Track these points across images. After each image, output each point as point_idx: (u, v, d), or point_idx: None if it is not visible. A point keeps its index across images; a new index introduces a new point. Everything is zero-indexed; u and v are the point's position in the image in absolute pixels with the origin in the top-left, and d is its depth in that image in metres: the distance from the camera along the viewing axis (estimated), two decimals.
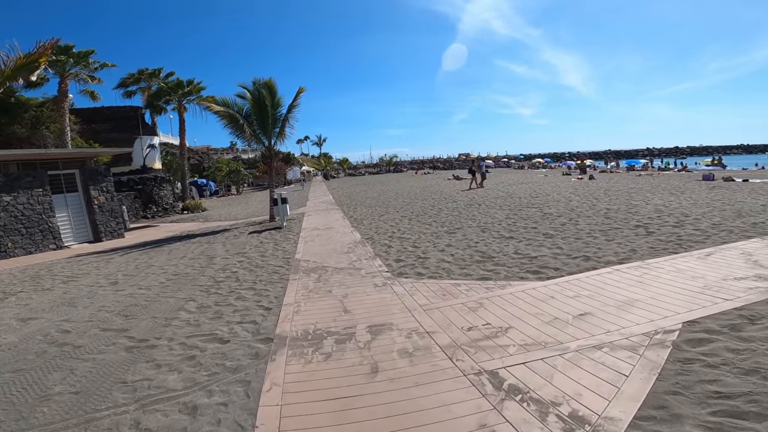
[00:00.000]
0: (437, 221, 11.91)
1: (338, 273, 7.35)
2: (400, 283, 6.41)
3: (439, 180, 33.79)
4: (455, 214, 12.93)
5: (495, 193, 18.52)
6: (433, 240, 9.38)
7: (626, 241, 7.59)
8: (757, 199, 11.74)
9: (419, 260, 7.71)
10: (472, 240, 8.95)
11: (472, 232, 9.80)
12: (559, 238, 8.36)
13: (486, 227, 10.27)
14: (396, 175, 53.07)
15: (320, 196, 26.88)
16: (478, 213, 12.81)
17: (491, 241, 8.63)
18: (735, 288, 4.78)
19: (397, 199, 19.69)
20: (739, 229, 7.93)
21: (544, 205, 13.36)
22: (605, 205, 12.24)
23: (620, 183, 21.04)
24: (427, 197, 19.26)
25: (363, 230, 11.71)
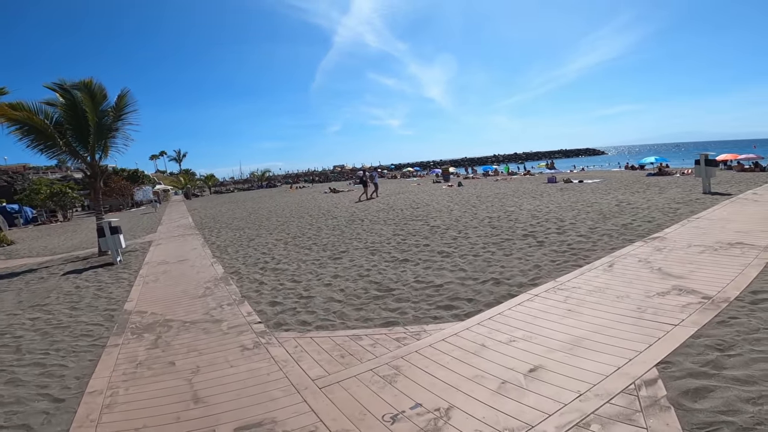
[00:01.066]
0: (318, 244, 10.34)
1: (187, 330, 5.31)
2: (279, 340, 4.71)
3: (316, 194, 32.21)
4: (337, 234, 11.54)
5: (376, 206, 17.73)
6: (316, 270, 7.79)
7: (524, 255, 7.12)
8: (603, 198, 13.07)
9: (302, 301, 6.06)
10: (362, 267, 7.62)
11: (361, 256, 8.50)
12: (457, 256, 7.58)
13: (375, 248, 9.09)
14: (269, 191, 49.64)
15: (177, 219, 22.88)
16: (362, 230, 11.63)
17: (385, 267, 7.43)
18: (669, 308, 4.33)
19: (271, 218, 17.51)
20: (615, 232, 8.19)
21: (429, 216, 12.86)
22: (485, 213, 12.22)
23: (485, 188, 22.39)
24: (304, 214, 17.52)
25: (228, 261, 9.50)
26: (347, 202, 21.41)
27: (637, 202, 12.17)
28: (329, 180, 64.15)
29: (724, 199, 11.68)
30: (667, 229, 8.03)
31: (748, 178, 18.98)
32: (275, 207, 23.04)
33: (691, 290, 4.76)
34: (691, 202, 11.29)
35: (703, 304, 4.37)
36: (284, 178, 78.66)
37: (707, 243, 6.77)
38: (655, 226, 8.48)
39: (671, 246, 6.77)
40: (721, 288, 4.75)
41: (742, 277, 5.07)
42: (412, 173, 55.22)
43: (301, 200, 26.41)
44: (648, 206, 11.07)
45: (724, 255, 6.03)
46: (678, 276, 5.30)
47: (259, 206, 24.94)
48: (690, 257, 6.08)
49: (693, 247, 6.62)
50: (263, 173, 70.48)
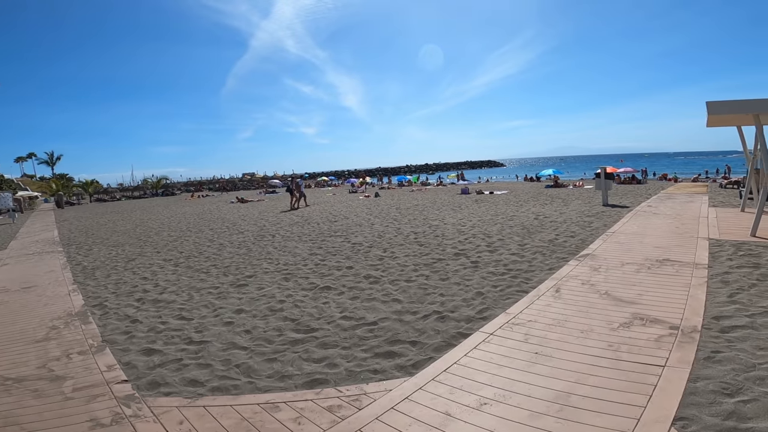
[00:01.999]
0: (219, 266, 8.60)
1: (7, 392, 3.57)
2: (153, 411, 3.26)
3: (221, 203, 29.18)
4: (243, 252, 9.85)
5: (289, 219, 16.13)
6: (214, 302, 6.19)
7: (462, 280, 6.35)
8: (519, 211, 13.21)
9: (191, 348, 4.54)
10: (274, 297, 6.22)
11: (272, 282, 7.06)
12: (387, 281, 6.56)
13: (289, 271, 7.69)
14: (165, 200, 44.24)
15: (39, 232, 18.68)
16: (273, 248, 10.09)
17: (302, 297, 6.12)
18: (642, 343, 3.79)
19: (161, 232, 14.91)
20: (545, 249, 7.89)
21: (349, 231, 11.74)
22: (409, 228, 11.48)
23: (403, 199, 22.03)
24: (204, 228, 15.23)
25: (92, 289, 7.36)
26: (256, 213, 19.38)
27: (552, 214, 12.43)
28: (237, 188, 59.69)
29: (624, 211, 12.44)
30: (592, 245, 7.94)
31: (630, 190, 21.22)
32: (169, 218, 20.04)
33: (653, 319, 4.33)
34: (599, 215, 11.79)
35: (674, 335, 3.92)
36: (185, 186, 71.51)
37: (637, 260, 6.68)
38: (579, 241, 8.40)
39: (605, 265, 6.53)
40: (681, 315, 4.41)
41: (693, 300, 4.82)
42: (327, 182, 53.77)
43: (203, 211, 23.52)
44: (563, 219, 11.27)
45: (662, 274, 5.88)
46: (630, 301, 4.89)
47: (150, 217, 21.57)
48: (630, 278, 5.81)
49: (626, 265, 6.45)
50: (159, 180, 63.09)
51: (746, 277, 5.59)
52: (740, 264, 6.22)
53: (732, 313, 4.40)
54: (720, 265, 6.25)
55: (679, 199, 15.10)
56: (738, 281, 5.44)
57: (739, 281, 5.44)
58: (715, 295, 4.98)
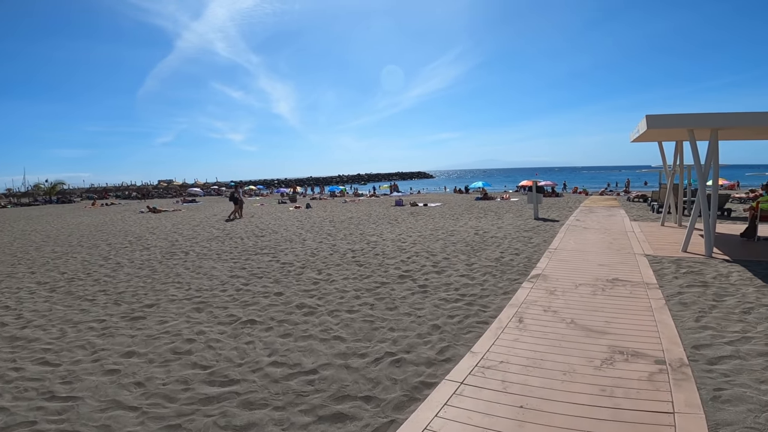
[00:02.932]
0: (109, 291, 6.91)
1: None
2: None
3: (129, 213, 25.73)
4: (146, 274, 8.17)
5: (207, 232, 14.30)
6: (95, 341, 4.71)
7: (413, 309, 5.53)
8: (457, 225, 12.83)
9: (53, 407, 3.24)
10: (180, 335, 4.88)
11: (179, 313, 5.67)
12: (326, 312, 5.52)
13: (203, 299, 6.32)
14: (60, 208, 38.32)
15: None
16: (184, 269, 8.51)
17: (219, 335, 4.86)
18: (635, 383, 3.28)
19: (44, 247, 12.28)
20: (494, 270, 7.39)
21: (277, 248, 10.46)
22: (346, 245, 10.51)
23: (336, 211, 20.98)
24: (100, 242, 12.87)
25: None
26: (169, 225, 17.10)
27: (490, 229, 12.23)
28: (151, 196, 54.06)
29: (556, 225, 12.64)
30: (539, 264, 7.60)
31: (552, 203, 22.26)
32: (59, 230, 16.91)
33: (633, 352, 3.87)
34: (535, 230, 11.79)
35: (665, 372, 3.49)
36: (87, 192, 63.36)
37: (588, 280, 6.40)
38: (526, 259, 8.06)
39: (560, 287, 6.13)
40: (659, 345, 4.03)
41: (663, 327, 4.49)
42: (255, 192, 50.76)
43: (103, 221, 20.37)
44: (503, 235, 11.05)
45: (618, 297, 5.59)
46: (601, 331, 4.41)
47: (35, 228, 18.10)
48: (589, 302, 5.42)
49: (581, 287, 6.10)
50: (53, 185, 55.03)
51: (701, 297, 5.47)
52: (688, 283, 6.15)
53: (709, 341, 4.10)
54: (669, 284, 6.13)
55: (601, 213, 15.89)
56: (696, 302, 5.27)
57: (697, 302, 5.27)
58: (681, 320, 4.69)
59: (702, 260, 7.61)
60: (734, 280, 6.22)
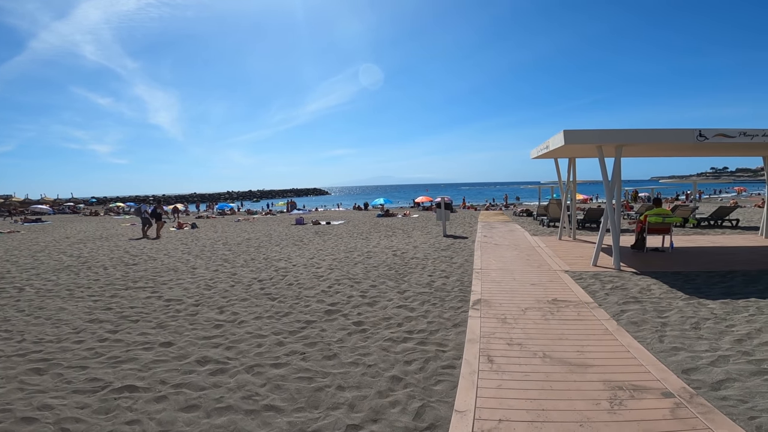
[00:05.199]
0: None
1: None
2: None
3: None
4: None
5: (56, 260, 11.11)
6: None
7: (357, 355, 4.38)
8: (370, 245, 11.96)
9: None
10: (10, 411, 3.01)
11: (4, 378, 3.65)
12: (243, 369, 4.04)
13: (44, 355, 4.27)
14: None
15: None
16: (15, 311, 6.03)
17: (77, 411, 3.10)
18: (666, 426, 2.80)
19: None
20: (431, 297, 6.61)
21: (157, 280, 8.32)
22: (249, 273, 8.83)
23: (230, 231, 18.59)
24: None
25: None
26: (1, 252, 13.05)
27: (406, 248, 11.63)
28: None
29: (468, 242, 12.59)
30: (474, 287, 7.05)
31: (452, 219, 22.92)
32: None
33: (632, 386, 3.49)
34: (451, 248, 11.52)
35: (681, 406, 3.11)
36: None
37: (531, 303, 6.01)
38: (458, 282, 7.48)
39: (508, 313, 5.58)
40: (651, 375, 3.67)
41: (636, 351, 4.25)
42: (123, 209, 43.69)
43: None
44: (422, 255, 10.49)
45: (570, 320, 5.30)
46: (580, 363, 3.96)
47: None
48: (546, 328, 4.96)
49: (528, 311, 5.64)
50: None
51: (645, 315, 5.45)
52: (622, 299, 6.14)
53: (692, 364, 3.91)
54: (605, 302, 6.03)
55: (501, 228, 16.56)
56: (645, 321, 5.21)
57: (645, 320, 5.22)
58: (646, 342, 4.53)
59: (615, 273, 7.89)
60: (659, 294, 6.39)
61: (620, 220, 9.33)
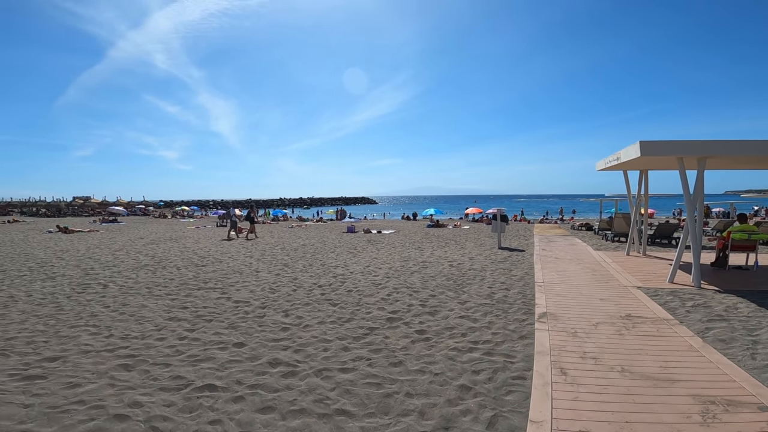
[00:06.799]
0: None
1: None
2: None
3: (32, 232, 21.82)
4: (50, 312, 6.15)
5: (133, 259, 12.05)
6: None
7: (422, 363, 4.36)
8: (424, 255, 11.90)
9: None
10: (103, 407, 3.28)
11: (96, 374, 3.98)
12: (312, 372, 4.15)
13: (131, 351, 4.63)
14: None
15: None
16: (102, 307, 6.60)
17: (164, 409, 3.32)
18: None
19: None
20: (494, 309, 6.44)
21: (226, 282, 8.78)
22: (310, 279, 9.09)
23: (285, 237, 19.24)
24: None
25: None
26: (83, 249, 14.38)
27: (461, 260, 11.44)
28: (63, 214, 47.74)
29: (525, 255, 12.16)
30: (538, 300, 6.80)
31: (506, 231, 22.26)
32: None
33: (726, 401, 3.29)
34: (508, 261, 11.19)
35: None
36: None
37: (602, 318, 5.71)
38: (519, 295, 7.24)
39: (578, 327, 5.32)
40: (745, 390, 3.47)
41: (727, 367, 4.01)
42: (188, 212, 46.74)
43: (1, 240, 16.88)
44: (480, 267, 10.27)
45: (648, 336, 5.04)
46: (666, 378, 3.83)
47: None
48: (622, 343, 4.74)
49: (600, 326, 5.36)
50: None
51: (734, 332, 5.07)
52: (707, 317, 5.68)
53: None
54: (688, 319, 5.60)
55: (560, 242, 15.85)
56: (734, 338, 4.87)
57: (735, 338, 4.88)
58: (737, 359, 4.24)
59: (696, 291, 7.30)
60: (747, 312, 5.88)
61: (701, 236, 8.63)
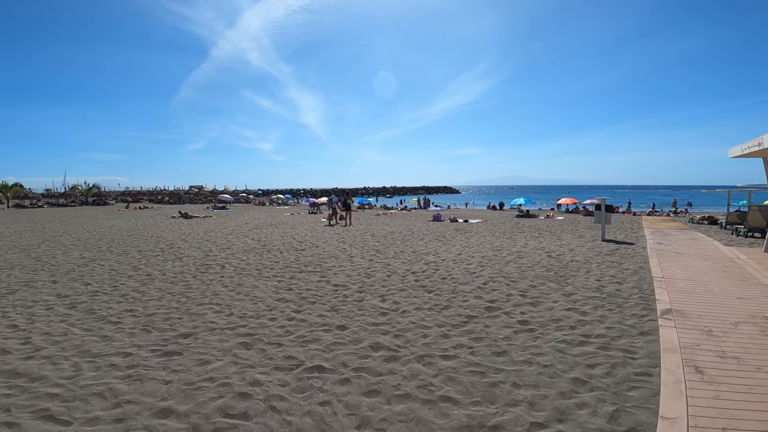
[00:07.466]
0: (138, 312, 5.78)
1: None
2: None
3: (160, 217, 25.32)
4: (179, 290, 7.07)
5: (242, 243, 13.26)
6: (118, 387, 3.53)
7: (528, 354, 4.15)
8: (518, 245, 11.27)
9: None
10: (229, 384, 3.64)
11: (223, 350, 4.45)
12: (413, 358, 4.19)
13: (249, 330, 5.10)
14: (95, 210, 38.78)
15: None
16: (222, 286, 7.37)
17: (280, 389, 3.60)
18: None
19: (72, 251, 11.45)
20: (605, 302, 5.89)
21: (323, 265, 9.24)
22: (401, 265, 9.22)
23: (372, 224, 19.74)
24: (130, 248, 11.98)
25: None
26: (201, 233, 16.25)
27: (561, 251, 10.69)
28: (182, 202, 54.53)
29: (636, 248, 10.95)
30: (658, 297, 6.07)
31: None
32: (90, 233, 16.32)
33: None
34: (615, 253, 10.19)
35: None
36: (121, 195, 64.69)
37: (742, 318, 4.99)
38: (635, 290, 6.55)
39: (712, 326, 4.65)
40: None
41: None
42: (283, 201, 50.34)
43: (135, 225, 19.82)
44: (583, 259, 9.50)
45: None
46: None
47: (67, 230, 17.64)
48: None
49: (741, 326, 4.67)
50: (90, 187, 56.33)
51: None
52: None
53: None
54: None
55: (678, 236, 14.01)
56: None
57: None
58: None
59: None
60: None
61: None
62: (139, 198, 61.57)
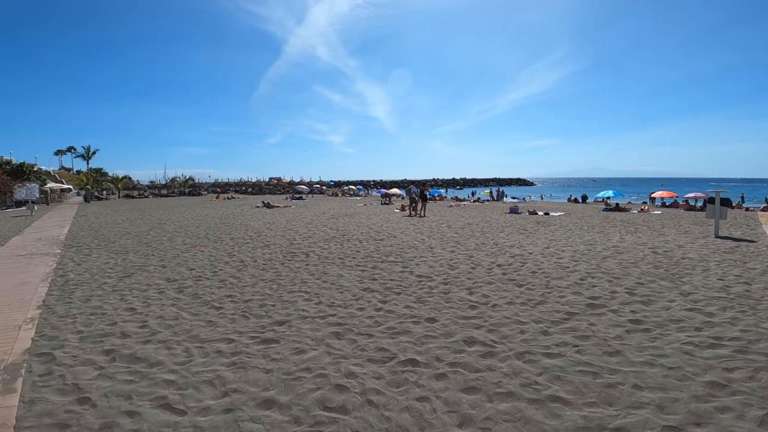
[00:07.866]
0: (236, 298, 6.15)
1: None
2: None
3: (246, 207, 27.21)
4: (270, 277, 7.43)
5: (322, 232, 13.69)
6: (225, 374, 3.72)
7: (645, 355, 3.68)
8: (614, 239, 10.27)
9: None
10: (325, 375, 3.68)
11: (316, 339, 4.55)
12: (513, 355, 3.93)
13: (339, 319, 5.16)
14: (191, 199, 42.89)
15: (49, 228, 16.90)
16: (308, 274, 7.61)
17: (375, 383, 3.57)
18: None
19: (176, 237, 12.69)
20: (735, 304, 5.07)
21: (404, 255, 9.18)
22: (485, 257, 8.86)
23: (447, 216, 19.32)
24: (224, 236, 12.95)
25: (55, 321, 5.06)
26: (284, 222, 17.10)
27: (667, 247, 9.55)
28: (263, 192, 58.26)
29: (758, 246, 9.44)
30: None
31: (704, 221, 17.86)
32: (189, 221, 17.98)
33: None
34: (736, 251, 8.86)
35: None
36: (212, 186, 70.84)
37: None
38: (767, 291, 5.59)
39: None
40: None
41: None
42: (355, 192, 51.56)
43: (226, 214, 21.48)
44: (699, 257, 8.37)
45: None
46: None
47: (170, 218, 19.63)
48: None
49: None
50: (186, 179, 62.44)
51: None
52: None
53: None
54: None
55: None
56: None
57: None
58: None
59: None
60: None
61: None
62: (227, 189, 66.90)
